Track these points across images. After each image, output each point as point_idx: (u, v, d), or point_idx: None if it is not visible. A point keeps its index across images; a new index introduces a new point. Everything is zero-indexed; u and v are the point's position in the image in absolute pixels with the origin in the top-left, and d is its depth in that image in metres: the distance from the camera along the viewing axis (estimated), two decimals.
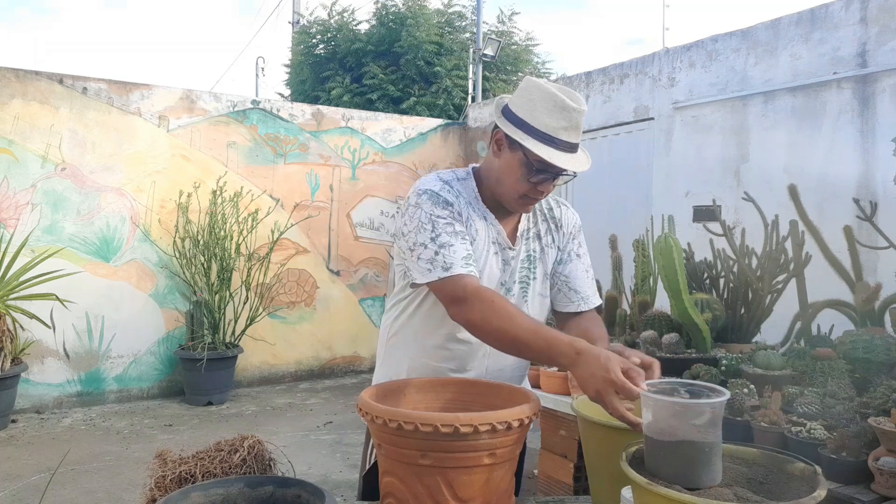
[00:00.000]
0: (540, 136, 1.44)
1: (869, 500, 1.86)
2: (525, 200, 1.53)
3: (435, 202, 1.48)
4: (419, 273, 1.45)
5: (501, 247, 1.58)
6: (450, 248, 1.43)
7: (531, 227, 1.64)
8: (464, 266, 1.42)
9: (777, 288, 3.08)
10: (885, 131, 3.85)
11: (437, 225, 1.45)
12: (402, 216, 1.53)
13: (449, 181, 1.55)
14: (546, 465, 3.20)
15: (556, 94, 1.45)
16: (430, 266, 1.43)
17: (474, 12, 9.66)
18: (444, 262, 1.42)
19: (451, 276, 1.41)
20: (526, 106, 1.47)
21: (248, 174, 6.33)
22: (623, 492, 1.16)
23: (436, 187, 1.51)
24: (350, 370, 6.94)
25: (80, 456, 4.36)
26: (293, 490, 1.21)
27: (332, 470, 4.21)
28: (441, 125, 7.50)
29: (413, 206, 1.50)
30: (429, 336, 1.59)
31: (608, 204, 5.41)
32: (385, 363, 1.70)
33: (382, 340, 1.72)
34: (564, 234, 1.68)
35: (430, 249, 1.43)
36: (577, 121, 1.45)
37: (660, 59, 5.27)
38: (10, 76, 5.32)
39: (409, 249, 1.47)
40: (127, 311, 5.75)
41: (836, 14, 4.11)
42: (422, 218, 1.47)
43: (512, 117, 1.50)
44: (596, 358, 1.21)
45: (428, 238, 1.44)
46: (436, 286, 1.44)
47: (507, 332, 1.35)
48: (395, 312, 1.66)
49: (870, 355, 2.37)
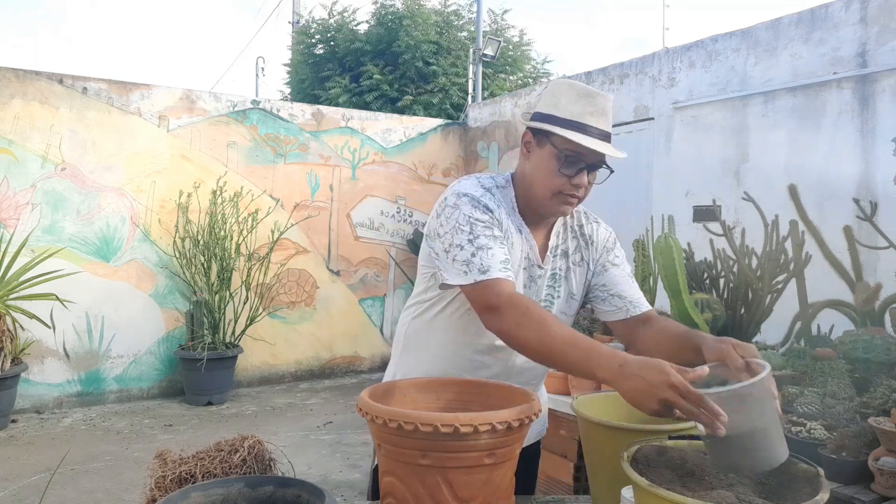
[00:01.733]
0: (567, 124, 1.41)
1: (869, 500, 1.86)
2: (560, 199, 1.46)
3: (475, 206, 1.43)
4: (453, 275, 1.39)
5: (531, 263, 1.53)
6: (488, 251, 1.37)
7: (559, 243, 1.58)
8: (502, 270, 1.36)
9: (777, 288, 3.08)
10: (885, 131, 3.85)
11: (475, 227, 1.40)
12: (437, 217, 1.46)
13: (490, 188, 1.49)
14: (546, 465, 3.19)
15: (579, 84, 1.44)
16: (466, 268, 1.37)
17: (471, 11, 9.68)
18: (482, 264, 1.36)
19: (487, 280, 1.34)
20: (550, 101, 1.46)
21: (248, 174, 6.33)
22: (623, 492, 1.16)
23: (477, 193, 1.45)
24: (350, 370, 6.94)
25: (79, 456, 4.36)
26: (293, 490, 1.21)
27: (332, 470, 4.21)
28: (441, 125, 7.50)
29: (451, 206, 1.44)
30: (450, 342, 1.55)
31: (608, 204, 5.39)
32: (401, 362, 1.65)
33: (399, 338, 1.67)
34: (597, 250, 1.61)
35: (467, 251, 1.37)
36: (602, 106, 1.42)
37: (660, 59, 5.27)
38: (10, 76, 5.32)
39: (445, 251, 1.41)
40: (127, 311, 5.75)
41: (836, 14, 4.11)
42: (459, 219, 1.41)
43: (538, 116, 1.47)
44: (646, 366, 1.12)
45: (465, 239, 1.39)
46: (470, 289, 1.38)
47: (542, 343, 1.27)
48: (415, 311, 1.61)
49: (870, 355, 2.37)
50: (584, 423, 1.37)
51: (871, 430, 1.95)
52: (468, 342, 1.54)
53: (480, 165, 7.30)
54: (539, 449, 1.78)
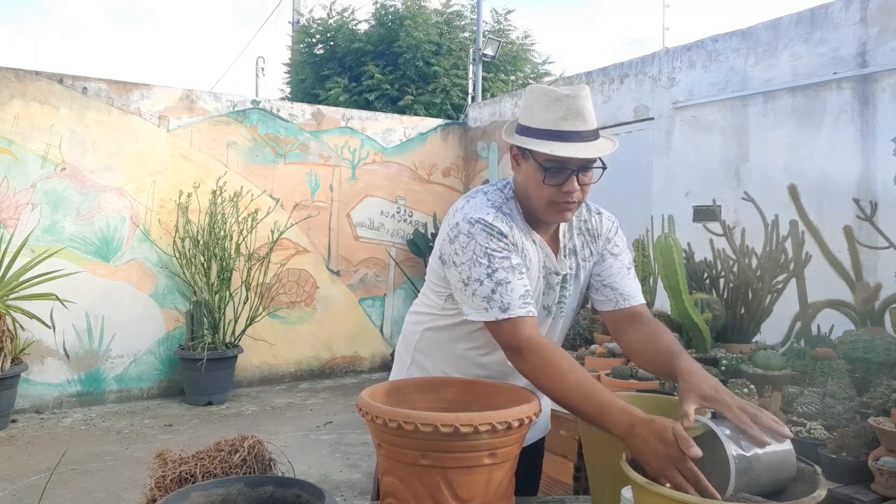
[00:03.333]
0: (541, 134, 1.39)
1: (869, 500, 1.86)
2: (556, 207, 1.44)
3: (490, 234, 1.40)
4: (474, 310, 1.40)
5: (549, 271, 1.52)
6: (507, 286, 1.37)
7: (567, 243, 1.57)
8: (521, 307, 1.36)
9: (777, 288, 3.08)
10: (885, 131, 3.85)
11: (493, 259, 1.38)
12: (450, 243, 1.44)
13: (500, 206, 1.46)
14: (546, 465, 3.18)
15: (550, 90, 1.41)
16: (486, 305, 1.37)
17: (473, 11, 9.67)
18: (502, 301, 1.36)
19: (508, 319, 1.35)
20: (526, 111, 1.44)
21: (248, 174, 6.33)
22: (623, 492, 1.16)
23: (489, 217, 1.42)
24: (350, 370, 6.94)
25: (79, 456, 4.36)
26: (293, 490, 1.21)
27: (332, 470, 4.21)
28: (441, 125, 7.50)
29: (465, 235, 1.41)
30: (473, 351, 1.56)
31: (608, 204, 5.39)
32: (413, 370, 1.65)
33: (408, 345, 1.67)
34: (601, 242, 1.62)
35: (487, 287, 1.37)
36: (574, 106, 1.37)
37: (660, 59, 5.27)
38: (10, 76, 5.32)
39: (463, 283, 1.41)
40: (127, 311, 5.75)
41: (836, 14, 4.11)
42: (476, 251, 1.39)
43: (518, 128, 1.47)
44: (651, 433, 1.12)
45: (484, 273, 1.38)
46: (491, 326, 1.39)
47: (558, 392, 1.30)
48: (430, 321, 1.60)
49: (870, 355, 2.37)
50: (584, 423, 1.37)
51: (871, 430, 1.95)
52: (485, 354, 1.55)
53: (480, 165, 7.30)
54: (542, 447, 1.78)
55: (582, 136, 1.38)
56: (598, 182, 1.47)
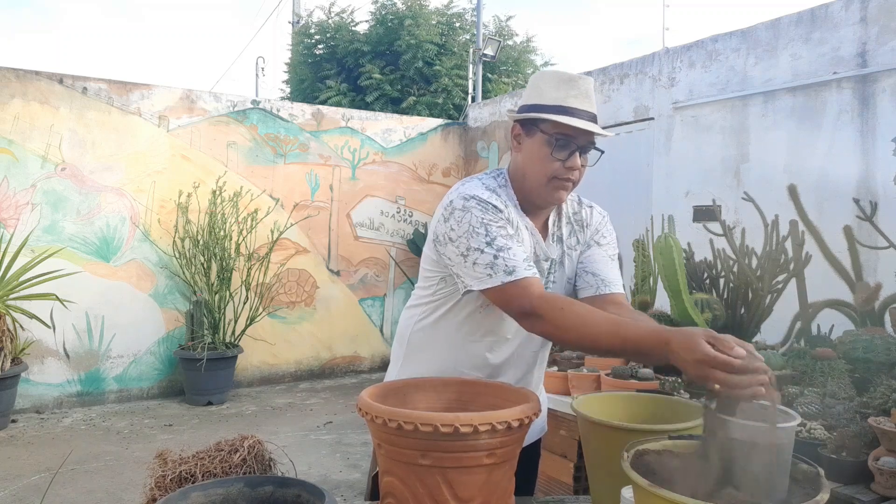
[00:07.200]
0: (553, 109, 1.44)
1: (869, 500, 1.86)
2: (555, 184, 1.47)
3: (484, 208, 1.42)
4: (476, 279, 1.38)
5: (538, 257, 1.55)
6: (509, 251, 1.37)
7: (554, 231, 1.60)
8: (526, 269, 1.36)
9: (777, 288, 3.08)
10: (885, 131, 3.85)
11: (490, 229, 1.39)
12: (444, 221, 1.45)
13: (494, 189, 1.49)
14: (546, 465, 3.19)
15: (560, 71, 1.48)
16: (490, 271, 1.36)
17: (474, 13, 9.67)
18: (506, 265, 1.35)
19: (515, 281, 1.34)
20: (534, 92, 1.49)
21: (248, 174, 6.33)
22: (623, 492, 1.16)
23: (483, 194, 1.44)
24: (350, 370, 6.94)
25: (80, 456, 4.36)
26: (293, 490, 1.21)
27: (332, 470, 4.21)
28: (441, 125, 7.50)
29: (460, 210, 1.42)
30: (460, 342, 1.56)
31: (608, 204, 5.38)
32: (406, 365, 1.65)
33: (402, 342, 1.67)
34: (590, 232, 1.64)
35: (488, 254, 1.37)
36: (585, 89, 1.45)
37: (660, 59, 5.27)
38: (10, 76, 5.32)
39: (462, 255, 1.40)
40: (127, 311, 5.75)
41: (836, 14, 4.11)
42: (473, 222, 1.40)
43: (524, 108, 1.51)
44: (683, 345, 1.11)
45: (483, 242, 1.38)
46: (497, 293, 1.37)
47: (586, 339, 1.29)
48: (420, 314, 1.61)
49: (870, 355, 2.37)
50: (584, 423, 1.37)
51: (871, 430, 1.95)
52: (477, 340, 1.55)
53: (480, 165, 7.30)
54: (539, 448, 1.78)
55: (588, 116, 1.45)
56: (598, 181, 1.49)
